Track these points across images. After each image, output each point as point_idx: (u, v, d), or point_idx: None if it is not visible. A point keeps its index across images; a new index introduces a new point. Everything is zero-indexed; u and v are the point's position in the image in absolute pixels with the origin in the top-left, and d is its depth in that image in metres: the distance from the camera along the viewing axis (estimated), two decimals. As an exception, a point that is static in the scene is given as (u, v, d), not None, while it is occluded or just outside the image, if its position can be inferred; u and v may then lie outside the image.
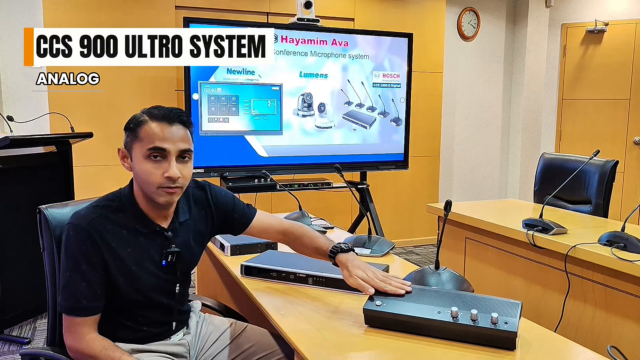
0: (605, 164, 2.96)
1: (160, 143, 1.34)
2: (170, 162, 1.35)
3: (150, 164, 1.35)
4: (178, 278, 1.48)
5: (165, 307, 1.48)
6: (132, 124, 1.38)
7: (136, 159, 1.37)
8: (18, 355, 2.86)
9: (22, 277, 3.13)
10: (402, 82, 4.27)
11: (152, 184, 1.35)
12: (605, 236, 2.13)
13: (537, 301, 2.40)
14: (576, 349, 1.32)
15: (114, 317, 1.40)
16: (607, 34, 5.29)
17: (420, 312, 1.33)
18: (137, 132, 1.36)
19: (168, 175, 1.34)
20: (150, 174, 1.35)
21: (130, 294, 1.39)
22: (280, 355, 1.58)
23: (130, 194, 1.42)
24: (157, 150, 1.34)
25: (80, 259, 1.32)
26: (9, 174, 3.06)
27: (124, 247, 1.37)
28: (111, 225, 1.37)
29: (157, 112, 1.38)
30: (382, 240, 2.13)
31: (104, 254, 1.34)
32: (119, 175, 4.10)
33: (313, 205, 4.32)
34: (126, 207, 1.40)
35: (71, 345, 1.34)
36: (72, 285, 1.32)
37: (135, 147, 1.37)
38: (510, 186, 5.87)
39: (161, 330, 1.49)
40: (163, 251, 1.43)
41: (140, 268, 1.39)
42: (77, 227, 1.34)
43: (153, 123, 1.36)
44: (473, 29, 5.49)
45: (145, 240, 1.41)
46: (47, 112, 3.86)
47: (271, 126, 3.89)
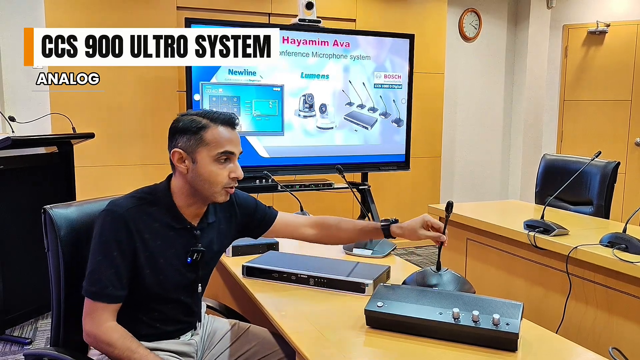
0: (607, 165, 2.96)
1: (230, 147, 1.42)
2: (235, 164, 1.45)
3: (218, 166, 1.42)
4: (199, 277, 1.51)
5: (184, 305, 1.51)
6: (193, 127, 1.41)
7: (203, 162, 1.41)
8: (20, 356, 2.86)
9: (24, 277, 3.13)
10: (403, 83, 4.27)
11: (219, 184, 1.42)
12: (607, 237, 2.13)
13: (539, 302, 2.40)
14: (577, 350, 1.32)
15: (130, 310, 1.41)
16: (608, 35, 5.29)
17: (422, 314, 1.33)
18: (201, 135, 1.40)
19: (235, 176, 1.44)
20: (218, 175, 1.42)
21: (153, 287, 1.41)
22: (282, 355, 1.59)
23: (167, 190, 1.46)
24: (227, 153, 1.42)
25: (113, 245, 1.35)
26: (11, 174, 3.06)
27: (154, 239, 1.41)
28: (146, 216, 1.41)
29: (221, 117, 1.44)
30: (383, 241, 2.13)
31: (136, 242, 1.38)
32: (120, 175, 4.13)
33: (314, 206, 4.32)
34: (160, 201, 1.44)
35: (90, 330, 1.35)
36: (100, 271, 1.34)
37: (200, 150, 1.41)
38: (512, 187, 5.86)
39: (174, 329, 1.51)
40: (189, 249, 1.46)
41: (167, 262, 1.43)
42: (115, 214, 1.37)
43: (219, 127, 1.42)
44: (474, 30, 5.49)
45: (174, 235, 1.44)
46: (49, 112, 3.86)
47: (272, 127, 3.89)
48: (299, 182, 4.00)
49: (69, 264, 1.46)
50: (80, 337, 1.48)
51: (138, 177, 4.11)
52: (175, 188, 1.46)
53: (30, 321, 3.27)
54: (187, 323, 1.54)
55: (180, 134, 1.42)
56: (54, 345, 1.49)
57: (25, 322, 3.25)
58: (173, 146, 1.43)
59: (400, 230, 1.63)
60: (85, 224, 1.51)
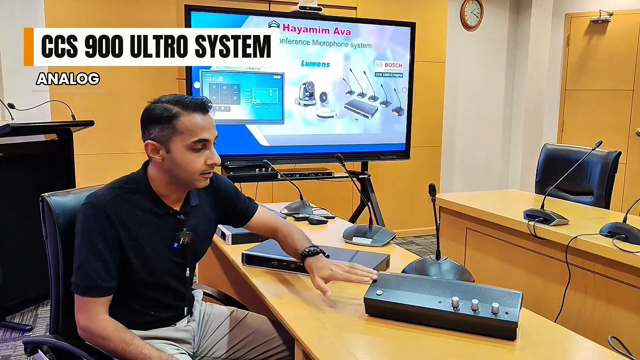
0: (608, 155, 2.95)
1: (205, 134, 1.40)
2: (211, 150, 1.43)
3: (193, 154, 1.40)
4: (188, 262, 1.51)
5: (175, 291, 1.51)
6: (165, 116, 1.38)
7: (177, 151, 1.39)
8: (20, 343, 2.87)
9: (24, 264, 3.14)
10: (404, 72, 4.25)
11: (196, 172, 1.41)
12: (607, 227, 2.13)
13: (538, 292, 2.40)
14: (577, 339, 1.32)
15: (123, 300, 1.41)
16: (611, 24, 5.25)
17: (421, 302, 1.33)
18: (174, 124, 1.38)
19: (212, 162, 1.43)
20: (194, 163, 1.40)
21: (143, 275, 1.41)
22: (280, 342, 1.60)
23: (144, 178, 1.44)
24: (202, 141, 1.40)
25: (96, 238, 1.34)
26: (11, 162, 3.06)
27: (139, 227, 1.40)
28: (127, 205, 1.39)
29: (188, 102, 1.40)
30: (383, 230, 2.13)
31: (120, 233, 1.36)
32: (119, 163, 4.12)
33: (314, 194, 4.31)
34: (141, 189, 1.43)
35: (84, 325, 1.34)
36: (87, 265, 1.33)
37: (174, 140, 1.38)
38: (512, 177, 5.86)
39: (168, 315, 1.51)
40: (175, 234, 1.45)
41: (154, 249, 1.42)
42: (95, 206, 1.36)
43: (190, 115, 1.39)
44: (476, 19, 5.45)
45: (159, 221, 1.44)
46: (49, 100, 3.85)
47: (272, 115, 3.88)
48: (298, 170, 4.00)
49: (67, 252, 1.45)
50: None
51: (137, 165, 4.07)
52: (153, 175, 1.44)
53: (30, 308, 3.28)
54: (180, 309, 1.55)
55: (152, 124, 1.40)
56: (53, 333, 1.50)
57: (26, 309, 3.26)
58: (146, 137, 1.41)
59: (308, 269, 1.51)
60: (84, 211, 1.50)
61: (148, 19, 4.09)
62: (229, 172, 3.70)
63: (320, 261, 1.51)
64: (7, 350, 2.81)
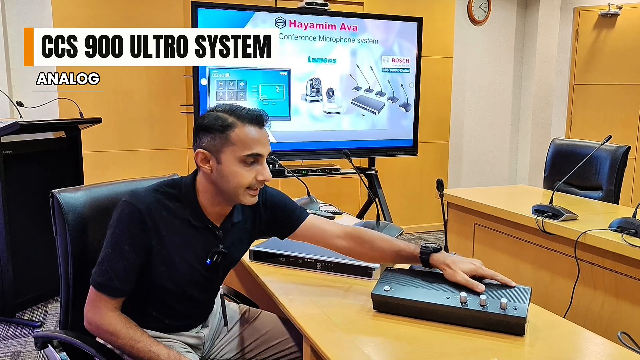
0: (617, 150, 2.93)
1: (259, 149, 1.33)
2: (263, 165, 1.36)
3: (244, 168, 1.33)
4: (219, 277, 1.48)
5: (196, 302, 1.47)
6: (219, 125, 1.32)
7: (228, 162, 1.33)
8: (30, 339, 2.90)
9: (34, 261, 3.16)
10: (411, 67, 4.23)
11: (242, 186, 1.34)
12: (616, 222, 2.11)
13: (547, 287, 2.40)
14: (586, 335, 1.31)
15: (140, 303, 1.39)
16: (620, 18, 5.21)
17: (429, 298, 1.33)
18: (227, 135, 1.32)
19: (263, 178, 1.35)
20: (243, 176, 1.33)
21: (165, 284, 1.37)
22: (292, 343, 1.58)
23: (192, 186, 1.39)
24: (254, 155, 1.33)
25: (125, 239, 1.30)
26: (19, 159, 3.08)
27: (172, 236, 1.35)
28: (166, 212, 1.35)
29: (245, 113, 1.34)
30: (390, 226, 2.13)
31: (152, 239, 1.32)
32: (127, 160, 4.13)
33: (321, 191, 4.32)
34: (184, 198, 1.38)
35: (92, 319, 1.33)
36: (109, 263, 1.31)
37: (226, 151, 1.32)
38: (520, 172, 5.83)
39: (182, 325, 1.49)
40: (210, 249, 1.40)
41: (183, 261, 1.37)
42: (133, 206, 1.31)
43: (247, 126, 1.33)
44: (484, 13, 5.42)
45: (195, 234, 1.38)
46: (57, 97, 3.87)
47: (279, 112, 3.88)
48: (306, 167, 4.00)
49: (76, 248, 1.46)
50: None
51: (145, 162, 4.12)
52: (200, 186, 1.38)
53: (40, 304, 3.30)
54: (198, 318, 1.52)
55: (204, 132, 1.34)
56: (62, 328, 1.51)
57: (36, 306, 3.29)
58: (197, 146, 1.35)
59: (439, 263, 1.42)
60: (93, 208, 1.51)
61: (155, 17, 4.10)
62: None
63: (452, 256, 1.42)
64: (17, 346, 2.83)
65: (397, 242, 1.52)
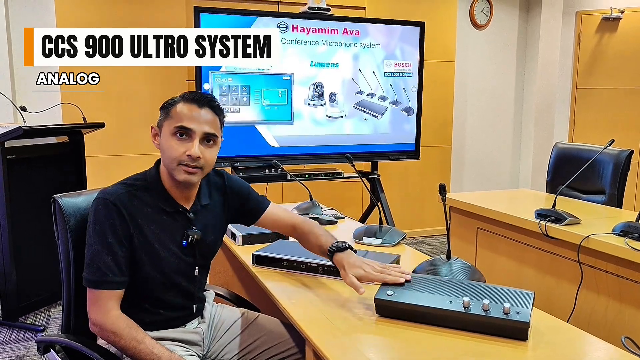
0: (620, 154, 2.93)
1: (187, 123, 1.41)
2: (193, 142, 1.41)
3: (175, 141, 1.41)
4: (197, 261, 1.52)
5: (184, 291, 1.51)
6: (166, 103, 1.46)
7: (164, 136, 1.43)
8: (33, 343, 2.90)
9: (37, 265, 3.17)
10: (413, 71, 4.24)
11: (174, 160, 1.41)
12: (619, 226, 2.11)
13: (550, 292, 2.39)
14: (589, 340, 1.31)
15: (132, 298, 1.42)
16: (622, 22, 5.21)
17: (432, 302, 1.33)
18: (169, 110, 1.44)
19: (189, 153, 1.40)
20: (173, 149, 1.41)
21: (152, 273, 1.42)
22: (292, 344, 1.59)
23: (157, 174, 1.48)
24: (182, 129, 1.41)
25: (107, 232, 1.35)
26: (23, 164, 3.09)
27: (148, 224, 1.41)
28: (137, 202, 1.41)
29: (190, 95, 1.46)
30: (393, 230, 2.13)
31: (131, 228, 1.38)
32: (130, 164, 4.13)
33: (324, 195, 4.31)
34: (152, 186, 1.46)
35: (96, 320, 1.35)
36: (98, 259, 1.35)
37: (164, 125, 1.44)
38: (523, 176, 5.82)
39: (178, 315, 1.52)
40: (184, 232, 1.46)
41: (163, 247, 1.43)
42: (105, 201, 1.37)
43: (184, 104, 1.43)
44: (486, 17, 5.43)
45: (168, 219, 1.45)
46: (60, 102, 3.89)
47: (282, 116, 3.88)
48: (308, 171, 4.00)
49: (78, 252, 1.46)
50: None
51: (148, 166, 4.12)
52: (162, 170, 1.47)
53: (43, 309, 3.31)
54: (189, 309, 1.55)
55: (160, 110, 1.48)
56: (65, 332, 1.51)
57: (39, 310, 3.29)
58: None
59: (337, 262, 1.50)
60: (95, 212, 1.51)
61: (158, 21, 4.11)
62: (239, 173, 3.71)
63: (351, 258, 1.49)
64: (20, 350, 2.83)
65: (322, 239, 1.60)
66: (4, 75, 3.88)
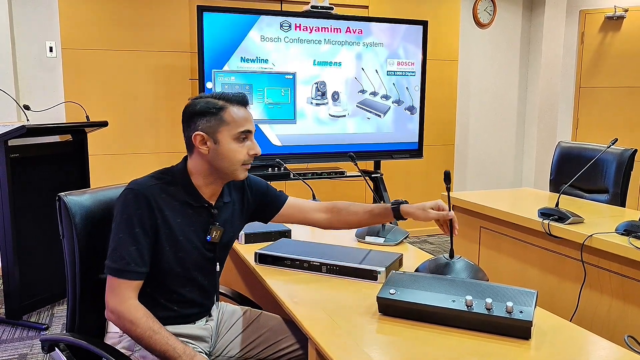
0: (623, 153, 2.92)
1: (249, 126, 1.48)
2: (253, 141, 1.50)
3: (238, 145, 1.46)
4: (217, 256, 1.54)
5: (201, 287, 1.52)
6: (211, 108, 1.44)
7: (224, 141, 1.45)
8: (37, 341, 2.91)
9: (41, 264, 3.18)
10: (416, 70, 4.24)
11: (239, 162, 1.47)
12: (623, 225, 2.11)
13: (553, 291, 2.39)
14: (592, 339, 1.31)
15: (149, 291, 1.43)
16: (626, 21, 5.19)
17: (435, 301, 1.33)
18: (221, 116, 1.44)
19: (254, 152, 1.49)
20: (238, 152, 1.46)
21: (173, 265, 1.43)
22: (293, 341, 1.60)
23: (184, 170, 1.49)
24: (246, 132, 1.47)
25: (134, 222, 1.37)
26: (26, 162, 3.10)
27: (174, 216, 1.44)
28: (165, 194, 1.44)
29: (234, 97, 1.48)
30: (396, 229, 2.13)
31: (158, 219, 1.40)
32: (133, 163, 4.15)
33: (327, 194, 4.32)
34: (178, 181, 1.48)
35: (114, 307, 1.36)
36: (122, 248, 1.36)
37: (222, 131, 1.44)
38: (526, 175, 5.81)
39: (191, 312, 1.53)
40: (208, 227, 1.50)
41: (187, 239, 1.45)
42: (136, 192, 1.39)
43: (235, 107, 1.46)
44: (489, 16, 5.42)
45: (193, 213, 1.48)
46: (63, 101, 3.90)
47: (285, 115, 3.89)
48: (311, 170, 4.00)
49: (83, 251, 1.47)
50: (96, 323, 1.50)
51: (151, 165, 4.12)
52: (193, 169, 1.48)
53: (46, 307, 3.32)
54: (203, 306, 1.56)
55: (199, 116, 1.45)
56: (69, 331, 1.51)
57: (42, 308, 3.30)
58: (193, 129, 1.45)
59: (411, 209, 1.64)
60: (99, 211, 1.52)
61: (160, 20, 4.12)
62: (242, 172, 3.71)
63: (414, 205, 1.65)
64: (24, 348, 2.84)
65: (368, 204, 1.72)
66: (8, 74, 3.89)
